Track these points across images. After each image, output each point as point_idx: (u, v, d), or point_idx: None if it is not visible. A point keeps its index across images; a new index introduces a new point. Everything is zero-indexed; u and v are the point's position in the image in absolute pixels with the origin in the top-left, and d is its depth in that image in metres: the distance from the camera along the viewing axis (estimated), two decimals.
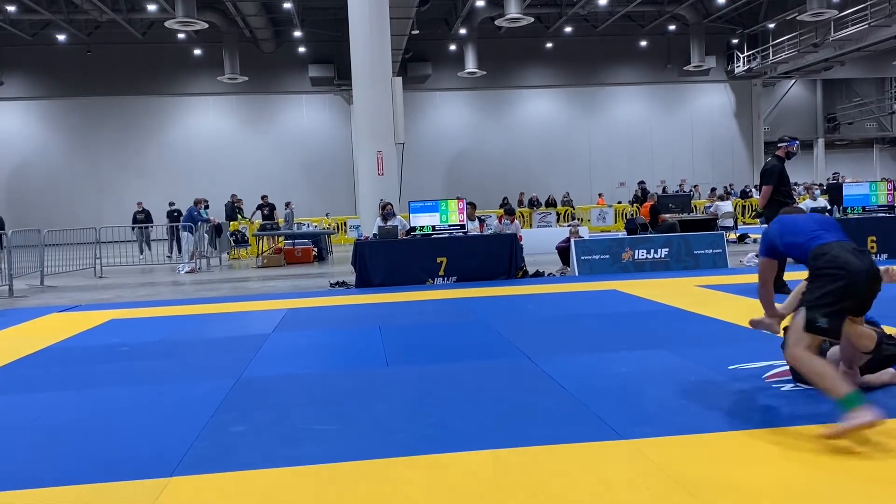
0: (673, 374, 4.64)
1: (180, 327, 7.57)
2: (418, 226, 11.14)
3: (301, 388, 4.75)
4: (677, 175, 32.06)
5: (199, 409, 4.24)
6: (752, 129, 34.50)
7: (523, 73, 32.76)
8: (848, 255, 3.59)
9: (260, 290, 11.07)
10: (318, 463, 3.28)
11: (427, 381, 4.76)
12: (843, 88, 37.37)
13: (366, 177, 14.94)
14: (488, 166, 32.44)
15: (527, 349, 5.60)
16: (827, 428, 3.29)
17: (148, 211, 20.83)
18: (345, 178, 31.24)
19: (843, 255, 3.59)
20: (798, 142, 8.68)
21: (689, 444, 3.35)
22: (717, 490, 2.82)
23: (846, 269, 3.54)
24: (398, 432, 3.69)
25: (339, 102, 31.69)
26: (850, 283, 3.53)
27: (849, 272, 3.54)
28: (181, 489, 3.05)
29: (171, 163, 31.18)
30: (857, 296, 3.58)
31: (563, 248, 11.80)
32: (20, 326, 8.05)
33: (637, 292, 8.72)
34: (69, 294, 11.53)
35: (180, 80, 31.13)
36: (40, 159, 30.68)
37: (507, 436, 3.56)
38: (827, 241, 3.70)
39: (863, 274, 3.52)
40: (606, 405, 3.99)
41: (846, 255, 3.59)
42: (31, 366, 5.86)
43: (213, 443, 3.64)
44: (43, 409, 4.45)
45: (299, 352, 6.08)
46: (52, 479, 3.20)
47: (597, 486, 2.92)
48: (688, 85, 33.90)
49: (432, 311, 8.09)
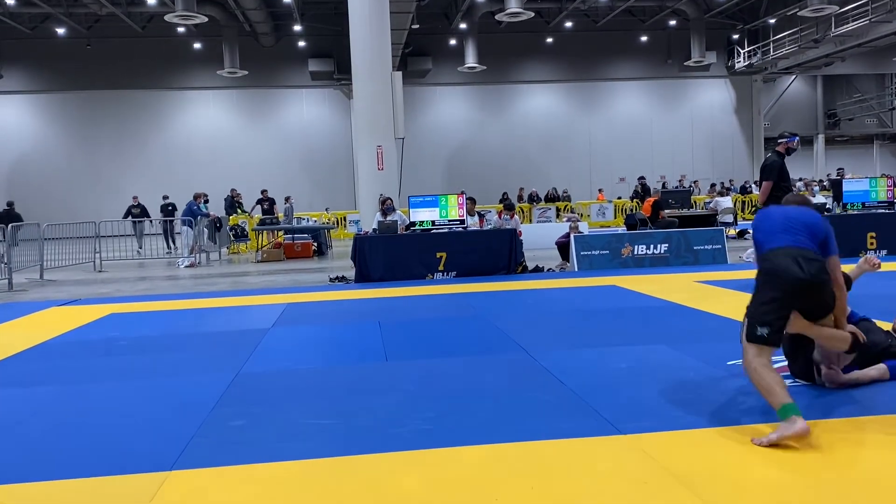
0: (671, 370, 4.65)
1: (180, 322, 7.58)
2: (418, 221, 11.14)
3: (300, 382, 4.76)
4: (677, 171, 32.04)
5: (198, 403, 4.24)
6: (752, 124, 34.46)
7: (523, 67, 32.71)
8: (789, 262, 3.59)
9: (259, 285, 11.07)
10: (318, 457, 3.29)
11: (426, 376, 4.77)
12: (844, 84, 37.32)
13: (365, 171, 14.93)
14: (488, 161, 32.41)
15: (526, 344, 5.61)
16: (758, 437, 3.30)
17: (143, 205, 20.68)
18: (344, 173, 31.21)
19: (784, 262, 3.60)
20: (798, 138, 8.67)
21: (687, 439, 3.36)
22: (715, 485, 2.83)
23: (782, 279, 3.56)
24: (397, 427, 3.70)
25: (338, 97, 31.65)
26: (785, 293, 3.55)
27: (784, 281, 3.56)
28: (181, 483, 3.06)
29: (170, 157, 31.14)
30: (792, 305, 3.60)
31: (563, 243, 11.81)
32: (20, 320, 8.06)
33: (636, 288, 8.73)
34: (68, 288, 11.54)
35: (180, 73, 31.07)
36: (39, 153, 30.63)
37: (505, 430, 3.57)
38: (776, 246, 3.71)
39: (798, 283, 3.53)
40: (605, 400, 4.00)
41: (787, 262, 3.59)
42: (30, 360, 5.87)
43: (213, 437, 3.65)
44: (42, 402, 4.46)
45: (299, 346, 6.09)
46: (51, 473, 3.21)
47: (595, 480, 2.93)
48: (688, 80, 33.85)
49: (432, 306, 8.10)
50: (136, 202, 20.76)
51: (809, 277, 3.55)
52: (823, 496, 2.71)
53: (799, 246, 3.68)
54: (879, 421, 3.52)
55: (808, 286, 3.56)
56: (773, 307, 3.54)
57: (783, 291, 3.55)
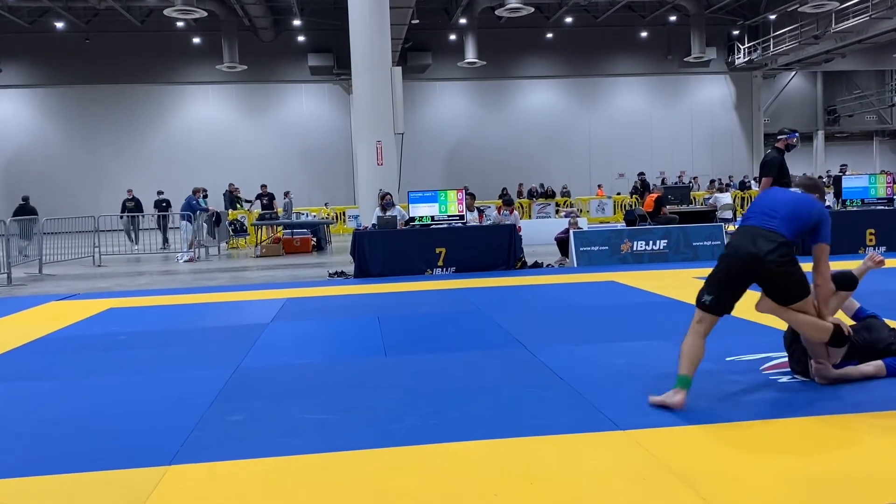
0: (670, 365, 4.64)
1: (179, 316, 7.58)
2: (417, 216, 11.14)
3: (299, 377, 4.76)
4: (677, 166, 32.01)
5: (197, 398, 4.25)
6: (751, 120, 34.43)
7: (523, 63, 32.65)
8: (743, 239, 3.81)
9: (258, 280, 11.07)
10: (316, 452, 3.29)
11: (425, 371, 4.77)
12: (844, 80, 37.27)
13: (365, 167, 14.92)
14: (488, 157, 32.38)
15: (525, 340, 5.61)
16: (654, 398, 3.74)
17: (138, 199, 20.57)
18: (344, 168, 31.18)
19: (738, 239, 3.84)
20: (798, 134, 8.67)
21: (685, 436, 3.36)
22: (714, 480, 2.83)
23: (733, 254, 3.79)
24: (396, 422, 3.70)
25: (338, 92, 31.60)
26: (729, 266, 3.78)
27: (729, 255, 3.82)
28: (180, 477, 3.06)
29: (169, 151, 31.09)
30: (742, 281, 3.79)
31: (562, 239, 11.81)
32: (19, 315, 8.05)
33: (635, 284, 8.73)
34: (67, 282, 11.53)
35: (179, 68, 31.00)
36: (38, 147, 30.58)
37: (504, 426, 3.57)
38: (744, 224, 3.93)
39: (739, 257, 3.75)
40: (604, 396, 4.00)
41: (741, 239, 3.82)
42: (29, 354, 5.87)
43: (212, 432, 3.65)
44: (42, 397, 4.46)
45: (298, 341, 6.09)
46: (51, 467, 3.21)
47: (593, 476, 2.94)
48: (688, 76, 33.81)
49: (431, 301, 8.10)
50: (131, 195, 20.59)
51: (757, 253, 3.69)
52: (821, 493, 2.71)
53: (765, 227, 3.81)
54: (874, 417, 3.52)
55: (756, 262, 3.70)
56: (720, 278, 3.81)
57: (731, 266, 3.79)
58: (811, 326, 3.86)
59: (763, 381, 4.24)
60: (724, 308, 3.80)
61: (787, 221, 3.83)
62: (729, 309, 3.82)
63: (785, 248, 3.75)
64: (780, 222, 3.83)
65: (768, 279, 3.78)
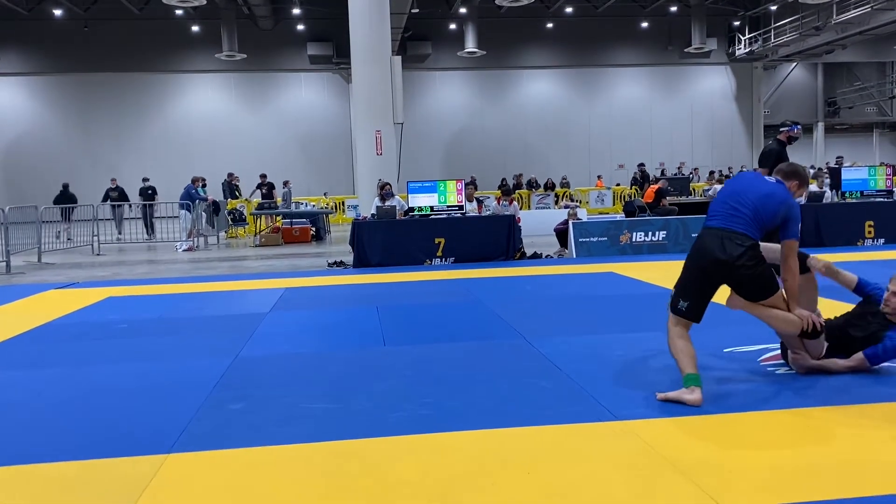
0: (668, 357, 4.65)
1: (178, 305, 7.58)
2: (417, 206, 11.13)
3: (298, 366, 4.77)
4: (676, 158, 31.96)
5: (196, 386, 4.26)
6: (752, 112, 34.37)
7: (523, 53, 32.53)
8: (708, 242, 3.85)
9: (258, 269, 11.07)
10: (315, 441, 3.31)
11: (424, 361, 4.78)
12: (844, 72, 37.19)
13: (364, 156, 14.90)
14: (487, 147, 32.32)
15: (523, 330, 5.63)
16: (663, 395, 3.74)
17: (122, 188, 19.81)
18: (343, 158, 31.12)
19: (704, 242, 3.88)
20: (799, 126, 8.51)
21: (682, 426, 3.38)
22: (710, 471, 2.84)
23: (703, 258, 3.84)
24: (394, 411, 3.72)
25: (337, 81, 31.50)
26: (704, 272, 3.82)
27: (696, 259, 3.88)
28: (179, 465, 3.08)
29: (168, 140, 31.02)
30: (713, 283, 3.83)
31: (561, 230, 11.81)
32: (18, 303, 8.06)
33: (634, 275, 8.74)
34: (67, 271, 11.53)
35: (178, 56, 30.86)
36: (36, 136, 30.49)
37: (502, 416, 3.58)
38: (708, 225, 3.96)
39: (715, 263, 3.78)
40: (602, 386, 4.02)
41: (706, 242, 3.86)
42: (29, 342, 5.88)
43: (211, 420, 3.67)
44: (41, 385, 4.47)
45: (297, 331, 6.10)
46: (50, 455, 3.22)
47: (590, 465, 2.95)
48: (688, 67, 33.71)
49: (430, 291, 8.11)
50: (115, 185, 19.73)
51: (727, 258, 3.76)
52: (817, 483, 2.73)
53: (731, 229, 3.84)
54: (873, 408, 3.54)
55: (725, 266, 3.78)
56: (693, 284, 3.87)
57: (702, 270, 3.84)
58: (780, 320, 3.91)
59: (760, 372, 4.26)
60: (700, 313, 3.88)
61: (752, 222, 3.85)
62: (702, 313, 3.89)
63: (752, 251, 3.80)
64: (745, 223, 3.84)
65: (738, 281, 3.85)
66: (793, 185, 4.11)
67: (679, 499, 2.62)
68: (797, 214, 3.93)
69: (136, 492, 2.81)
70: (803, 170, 4.28)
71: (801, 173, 4.21)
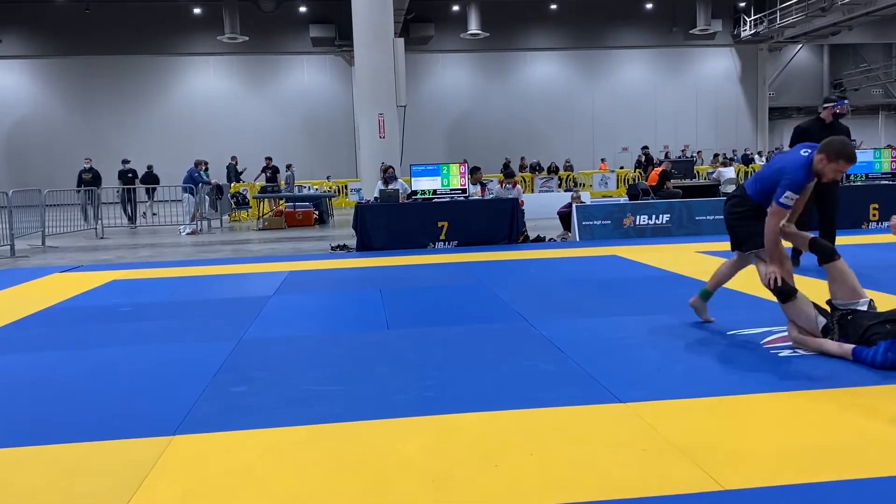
0: (672, 339, 4.67)
1: (182, 289, 7.60)
2: (420, 189, 11.11)
3: (302, 349, 4.79)
4: (680, 140, 31.83)
5: (200, 369, 4.27)
6: (756, 94, 34.18)
7: (527, 35, 32.32)
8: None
9: (261, 253, 11.08)
10: (318, 423, 3.32)
11: (427, 344, 4.79)
12: (851, 54, 36.91)
13: (367, 139, 14.84)
14: (490, 130, 32.20)
15: (526, 313, 5.63)
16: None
17: (97, 171, 17.95)
18: (346, 141, 31.04)
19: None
20: (846, 101, 7.29)
21: (686, 408, 3.38)
22: (713, 453, 2.85)
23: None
24: (398, 394, 3.73)
25: (340, 63, 31.36)
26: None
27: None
28: (183, 447, 3.09)
29: (170, 123, 30.96)
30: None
31: (565, 213, 11.78)
32: (22, 286, 8.08)
33: (638, 258, 8.73)
34: (70, 254, 11.56)
35: (180, 39, 30.75)
36: (38, 119, 30.46)
37: (505, 398, 3.59)
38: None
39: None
40: (605, 369, 4.02)
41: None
42: (33, 325, 5.90)
43: (215, 402, 3.68)
44: (46, 368, 4.49)
45: (300, 314, 6.11)
46: (56, 437, 3.24)
47: (593, 447, 2.96)
48: (693, 49, 33.48)
49: (433, 275, 8.11)
50: (89, 166, 17.75)
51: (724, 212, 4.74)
52: (820, 465, 2.74)
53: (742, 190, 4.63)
54: (876, 390, 3.54)
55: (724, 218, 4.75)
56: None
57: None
58: (762, 276, 4.40)
59: (764, 354, 4.25)
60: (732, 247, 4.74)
61: (755, 181, 4.48)
62: (732, 248, 4.74)
63: (739, 199, 4.57)
64: (753, 182, 4.52)
65: (726, 226, 4.68)
66: (820, 159, 4.15)
67: (681, 480, 2.62)
68: (790, 183, 4.13)
69: (141, 473, 2.83)
70: (842, 145, 4.13)
71: (831, 147, 4.12)
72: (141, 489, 2.69)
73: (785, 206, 4.17)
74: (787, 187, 4.11)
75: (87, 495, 2.66)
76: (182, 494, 2.65)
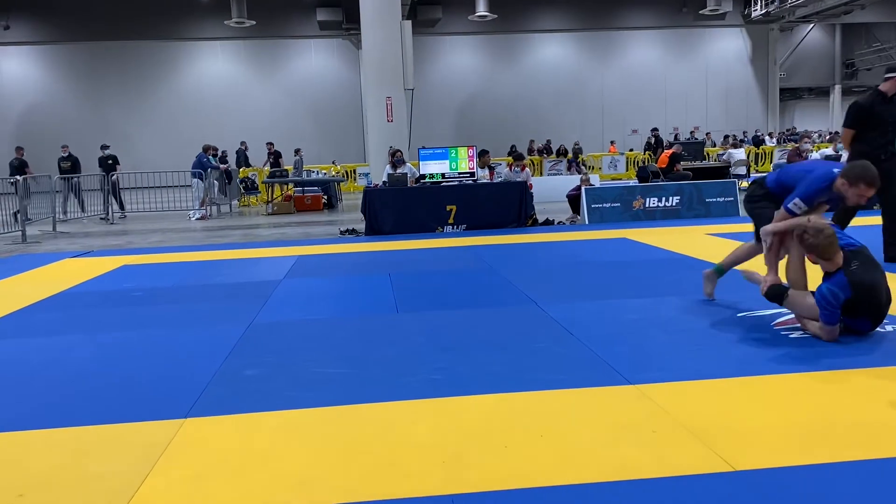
0: (681, 321, 4.67)
1: (192, 273, 7.64)
2: (428, 173, 11.09)
3: (312, 333, 4.81)
4: (690, 122, 31.60)
5: (212, 352, 4.30)
6: (767, 75, 33.83)
7: (535, 16, 32.06)
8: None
9: (270, 237, 11.11)
10: (328, 405, 3.34)
11: (436, 327, 4.80)
12: (863, 33, 36.44)
13: (375, 123, 14.83)
14: (498, 113, 32.04)
15: (535, 296, 5.63)
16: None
17: (76, 158, 16.81)
18: (354, 125, 30.97)
19: None
20: None
21: (696, 390, 3.38)
22: (723, 434, 2.85)
23: None
24: (407, 376, 3.74)
25: (347, 47, 31.22)
26: None
27: None
28: (196, 430, 3.12)
29: (178, 108, 30.95)
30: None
31: (574, 195, 11.74)
32: (35, 271, 8.14)
33: (647, 240, 8.70)
34: (81, 240, 11.62)
35: (187, 24, 30.66)
36: (48, 105, 30.50)
37: (514, 380, 3.60)
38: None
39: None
40: (614, 351, 4.02)
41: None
42: (46, 310, 5.94)
43: (227, 386, 3.71)
44: (59, 352, 4.53)
45: (310, 298, 6.13)
46: (69, 420, 3.27)
47: (603, 428, 2.97)
48: (703, 29, 33.13)
49: (442, 258, 8.11)
50: (67, 153, 16.45)
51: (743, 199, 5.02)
52: (830, 446, 2.73)
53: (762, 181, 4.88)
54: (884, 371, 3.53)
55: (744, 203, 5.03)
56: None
57: None
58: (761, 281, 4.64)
59: (774, 336, 4.24)
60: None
61: (780, 175, 4.63)
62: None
63: (756, 187, 4.85)
64: (775, 174, 4.72)
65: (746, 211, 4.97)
66: (842, 183, 4.15)
67: (692, 461, 2.63)
68: (801, 192, 4.25)
69: (154, 455, 2.85)
70: (862, 170, 4.12)
71: (852, 172, 4.14)
72: (154, 471, 2.72)
73: (791, 211, 4.28)
74: (799, 195, 4.23)
75: (100, 477, 2.69)
76: (194, 476, 2.68)
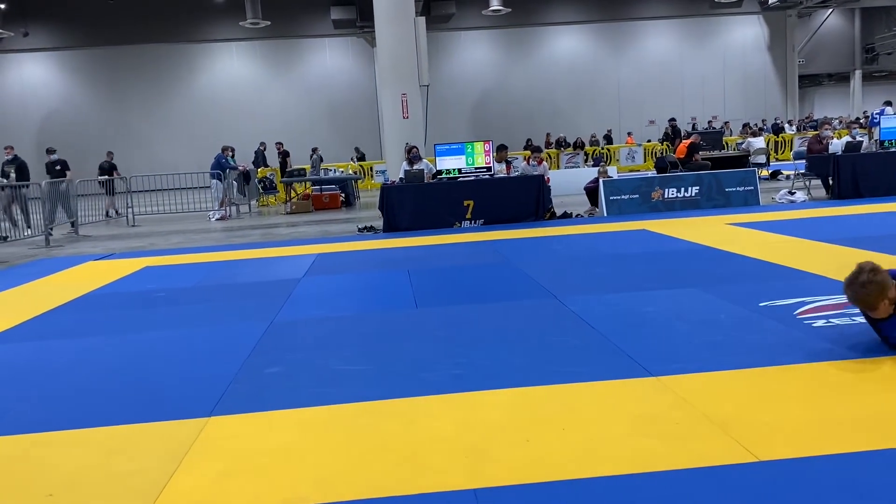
0: (703, 312, 4.63)
1: (213, 273, 7.70)
2: (445, 169, 11.09)
3: (332, 330, 4.83)
4: (708, 111, 31.31)
5: (234, 351, 4.34)
6: (786, 62, 33.42)
7: (549, 9, 31.90)
8: None
9: (289, 236, 11.17)
10: (350, 402, 3.36)
11: (456, 322, 4.81)
12: (883, 17, 35.85)
13: (390, 120, 14.83)
14: (514, 107, 31.94)
15: (554, 289, 5.62)
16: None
17: (64, 161, 15.52)
18: (370, 123, 31.03)
19: None
20: None
21: (718, 381, 3.36)
22: (747, 424, 2.83)
23: None
24: (428, 371, 3.75)
25: (361, 45, 31.26)
26: None
27: None
28: (220, 428, 3.15)
29: (196, 110, 31.17)
30: None
31: (592, 188, 11.69)
32: (59, 274, 8.25)
33: (667, 231, 8.65)
34: (103, 243, 11.75)
35: (203, 26, 30.86)
36: (68, 110, 30.85)
37: (535, 374, 3.60)
38: None
39: None
40: (635, 343, 4.01)
41: None
42: (71, 312, 6.03)
43: (250, 383, 3.74)
44: (85, 353, 4.59)
45: (330, 295, 6.16)
46: (95, 420, 3.32)
47: (625, 420, 2.96)
48: (719, 17, 32.79)
49: (460, 253, 8.12)
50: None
51: None
52: (854, 436, 2.71)
53: None
54: None
55: None
56: None
57: None
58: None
59: (797, 325, 4.20)
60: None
61: None
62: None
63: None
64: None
65: None
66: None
67: (716, 452, 2.62)
68: None
69: (180, 452, 2.89)
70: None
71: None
72: (180, 469, 2.75)
73: None
74: None
75: (128, 475, 2.73)
76: (220, 472, 2.71)
